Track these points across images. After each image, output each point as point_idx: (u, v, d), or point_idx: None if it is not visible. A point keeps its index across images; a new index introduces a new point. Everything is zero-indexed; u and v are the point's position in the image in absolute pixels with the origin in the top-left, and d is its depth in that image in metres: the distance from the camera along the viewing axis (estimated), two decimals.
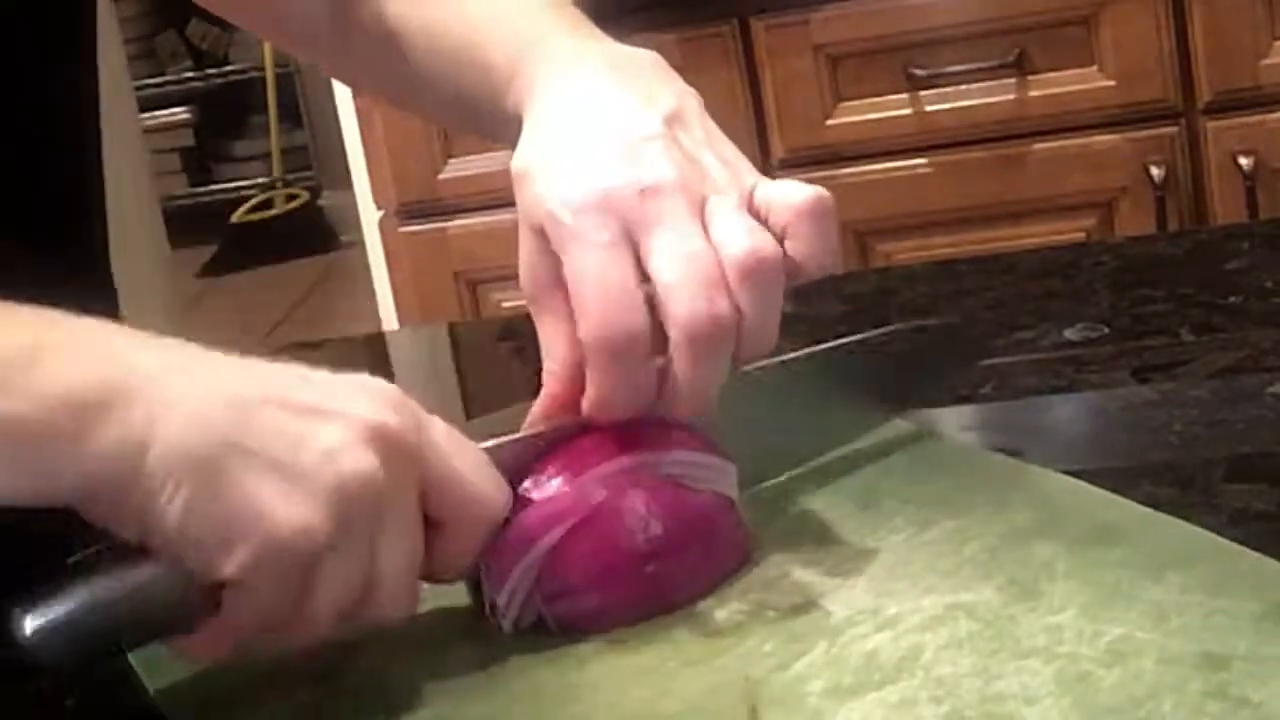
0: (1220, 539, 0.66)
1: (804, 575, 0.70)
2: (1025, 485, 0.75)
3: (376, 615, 0.64)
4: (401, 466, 0.63)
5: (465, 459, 0.66)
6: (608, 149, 0.71)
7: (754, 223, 0.69)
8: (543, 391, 0.73)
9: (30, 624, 0.59)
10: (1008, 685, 0.58)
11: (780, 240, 0.69)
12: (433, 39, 0.89)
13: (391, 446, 0.63)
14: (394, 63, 0.92)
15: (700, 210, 0.69)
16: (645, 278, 0.68)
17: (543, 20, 0.82)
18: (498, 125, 0.82)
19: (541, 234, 0.72)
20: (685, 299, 0.67)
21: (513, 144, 0.76)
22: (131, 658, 0.71)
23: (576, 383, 0.71)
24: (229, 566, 0.60)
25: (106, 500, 0.60)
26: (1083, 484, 0.74)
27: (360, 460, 0.61)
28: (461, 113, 0.88)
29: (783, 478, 0.79)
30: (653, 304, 0.68)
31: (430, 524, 0.65)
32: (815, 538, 0.74)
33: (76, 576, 0.60)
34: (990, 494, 0.75)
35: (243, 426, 0.61)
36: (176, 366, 0.62)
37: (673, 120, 0.74)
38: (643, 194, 0.69)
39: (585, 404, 0.70)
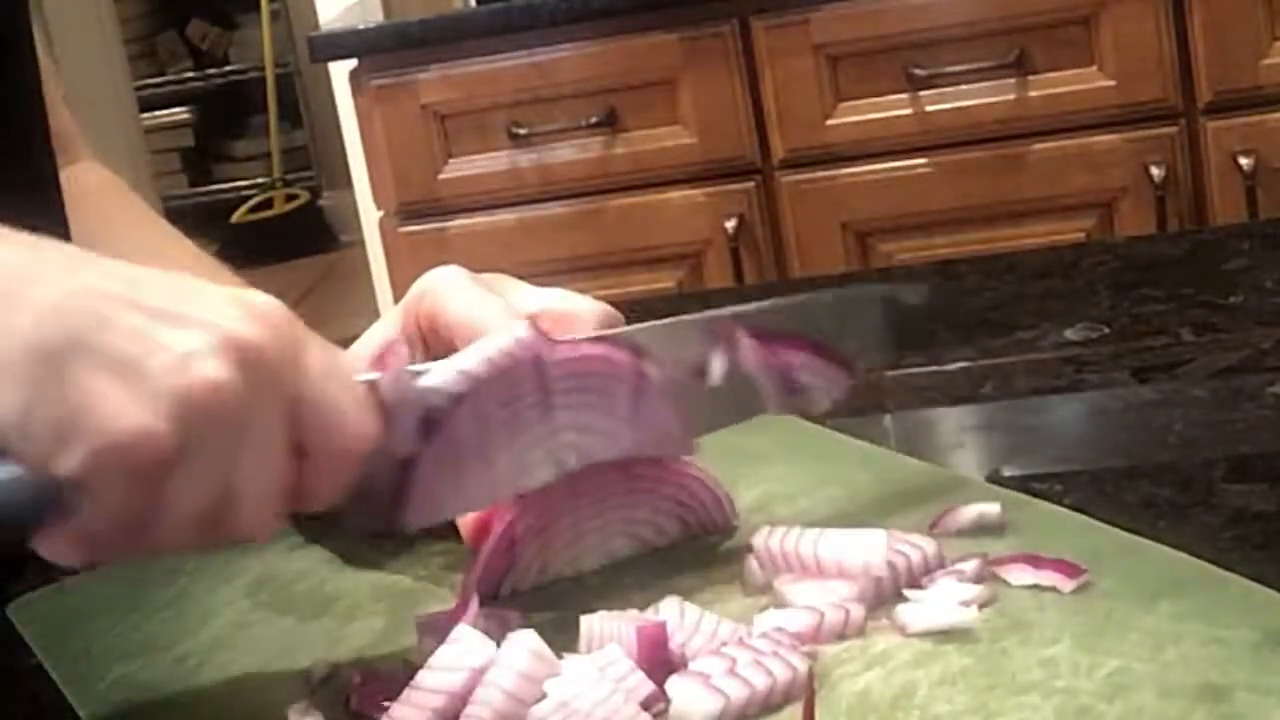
0: (1206, 564, 0.65)
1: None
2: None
3: (236, 532, 0.62)
4: (264, 384, 0.60)
5: (340, 386, 0.64)
6: None
7: None
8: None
9: None
10: None
11: None
12: None
13: (253, 361, 0.60)
14: None
15: None
16: None
17: None
18: None
19: None
20: None
21: None
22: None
23: None
24: (67, 466, 0.58)
25: None
26: (1060, 509, 0.72)
27: (213, 369, 0.59)
28: None
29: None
30: None
31: (298, 449, 0.63)
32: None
33: None
34: None
35: (95, 326, 0.59)
36: (34, 262, 0.61)
37: None
38: None
39: None
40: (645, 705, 0.59)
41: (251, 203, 5.93)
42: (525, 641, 0.61)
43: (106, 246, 0.94)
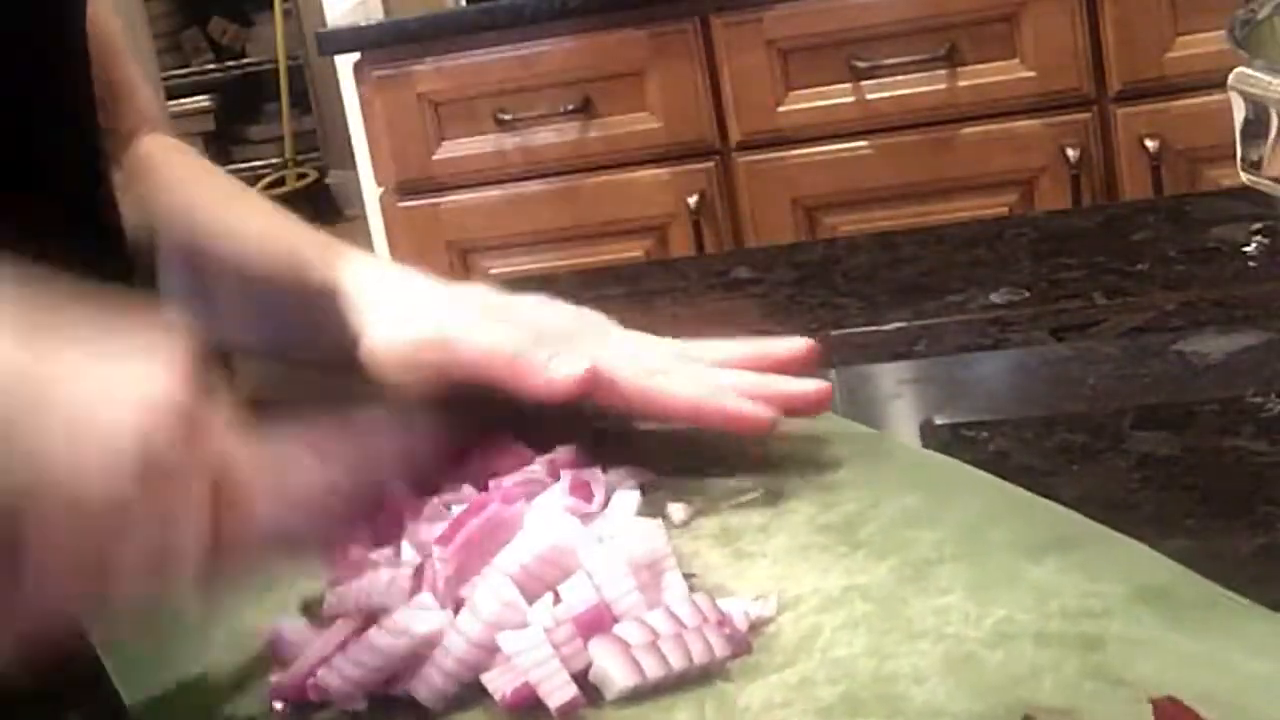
0: (1093, 523, 0.63)
1: (708, 556, 0.65)
2: (918, 468, 0.71)
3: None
4: (190, 453, 0.54)
5: (251, 463, 0.57)
6: None
7: None
8: None
9: None
10: (899, 665, 0.55)
11: None
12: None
13: (178, 435, 0.53)
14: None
15: None
16: None
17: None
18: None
19: None
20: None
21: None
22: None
23: None
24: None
25: None
26: (968, 467, 0.70)
27: (158, 438, 0.52)
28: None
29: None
30: None
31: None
32: (718, 520, 0.68)
33: None
34: (887, 477, 0.70)
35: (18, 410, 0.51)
36: None
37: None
38: None
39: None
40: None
41: (266, 180, 5.89)
42: (498, 590, 0.58)
43: (192, 208, 0.93)
